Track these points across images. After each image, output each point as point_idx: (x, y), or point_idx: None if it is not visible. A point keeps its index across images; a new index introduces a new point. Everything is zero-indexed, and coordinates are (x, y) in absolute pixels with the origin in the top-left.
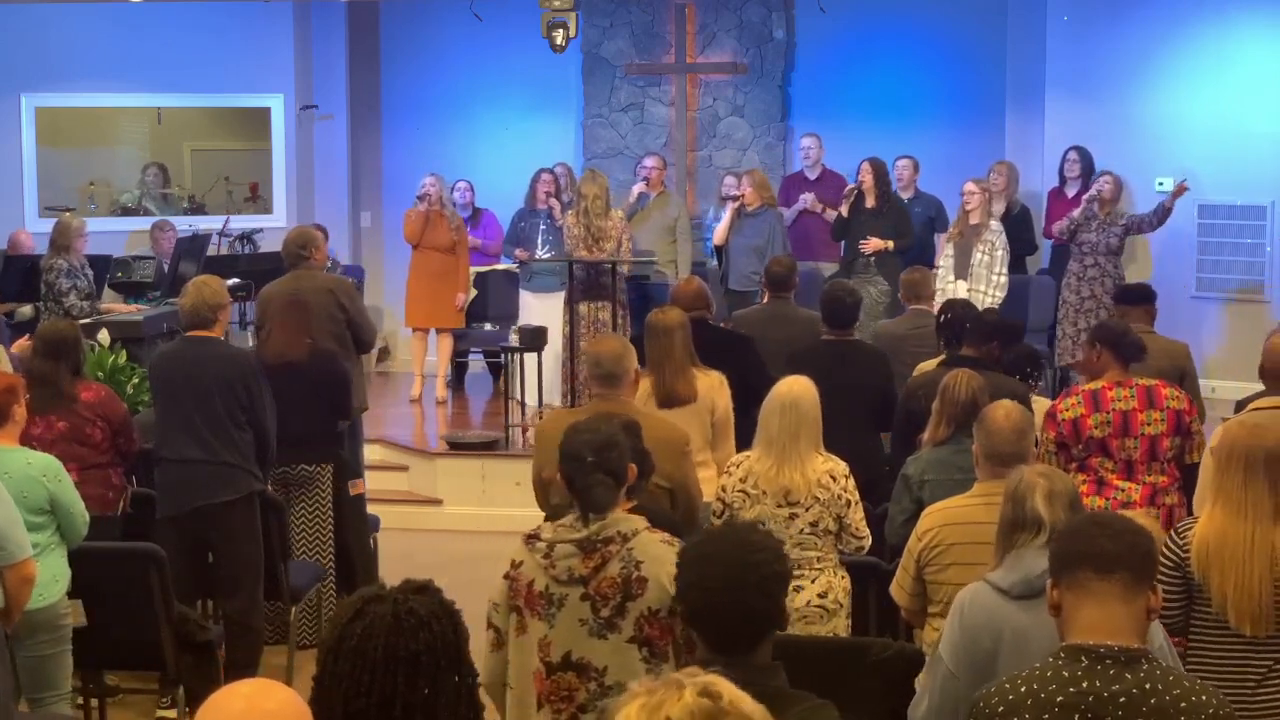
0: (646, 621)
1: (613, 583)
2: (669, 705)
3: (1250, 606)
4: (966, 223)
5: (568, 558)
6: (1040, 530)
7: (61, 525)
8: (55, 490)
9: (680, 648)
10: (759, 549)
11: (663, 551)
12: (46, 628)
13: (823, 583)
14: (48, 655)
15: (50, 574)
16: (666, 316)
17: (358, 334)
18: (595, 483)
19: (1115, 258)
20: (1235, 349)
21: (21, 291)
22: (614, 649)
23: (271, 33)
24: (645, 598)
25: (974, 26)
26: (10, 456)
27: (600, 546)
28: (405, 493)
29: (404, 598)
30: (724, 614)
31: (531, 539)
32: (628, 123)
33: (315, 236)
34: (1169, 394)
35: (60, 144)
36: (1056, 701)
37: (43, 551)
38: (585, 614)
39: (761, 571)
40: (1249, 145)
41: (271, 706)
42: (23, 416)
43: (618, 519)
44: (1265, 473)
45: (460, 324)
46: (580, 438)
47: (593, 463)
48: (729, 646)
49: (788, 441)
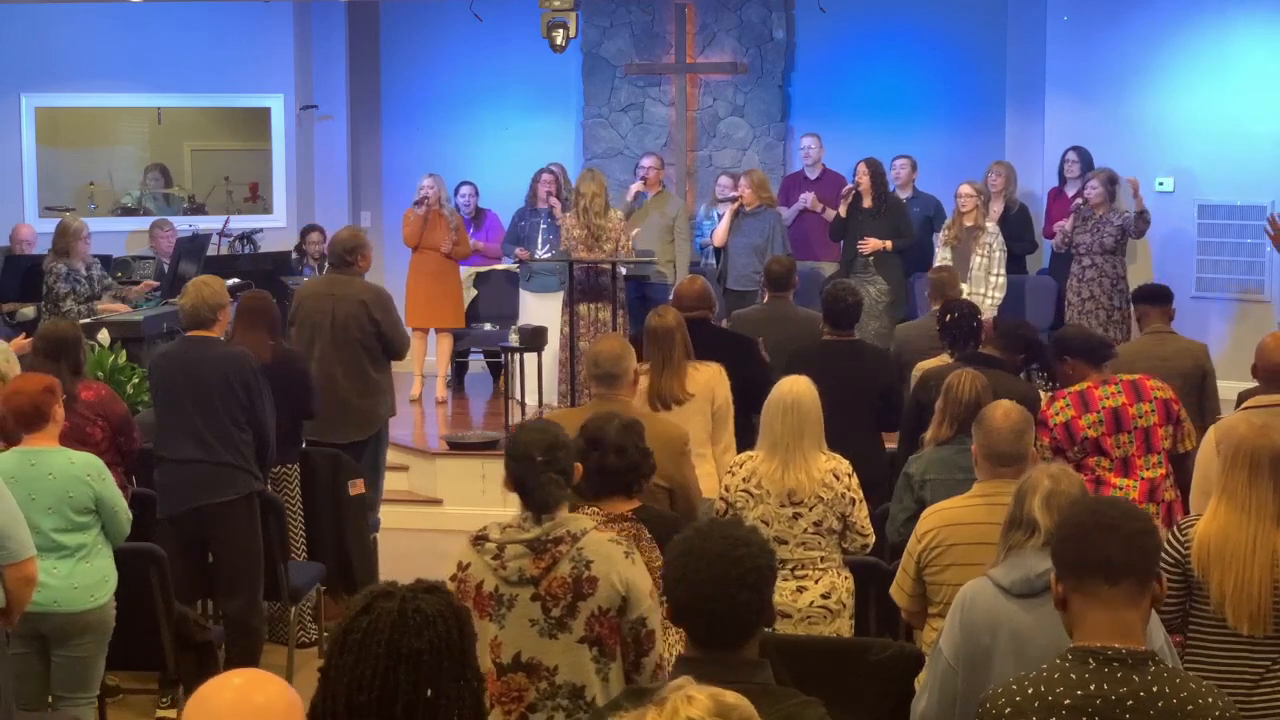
0: (597, 621)
1: (563, 583)
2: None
3: (1249, 606)
4: (962, 225)
5: (518, 558)
6: (1034, 533)
7: (106, 524)
8: (100, 489)
9: (628, 646)
10: (745, 544)
11: (612, 551)
12: (95, 629)
13: (826, 583)
14: (87, 657)
15: (100, 575)
16: (665, 319)
17: (389, 345)
18: (546, 480)
19: (1113, 257)
20: (1235, 349)
21: (23, 291)
22: (565, 648)
23: (271, 33)
24: (595, 597)
25: (974, 26)
26: (53, 457)
27: (550, 547)
28: (405, 493)
29: (412, 596)
30: (711, 609)
31: (480, 540)
32: (628, 123)
33: (366, 243)
34: (1154, 385)
35: (60, 144)
36: (1064, 704)
37: (90, 553)
38: (536, 614)
39: (747, 565)
40: (1249, 145)
41: (260, 700)
42: (61, 416)
43: (567, 519)
44: (1271, 474)
45: (460, 324)
46: (528, 437)
47: (542, 461)
48: (716, 642)
49: (792, 441)
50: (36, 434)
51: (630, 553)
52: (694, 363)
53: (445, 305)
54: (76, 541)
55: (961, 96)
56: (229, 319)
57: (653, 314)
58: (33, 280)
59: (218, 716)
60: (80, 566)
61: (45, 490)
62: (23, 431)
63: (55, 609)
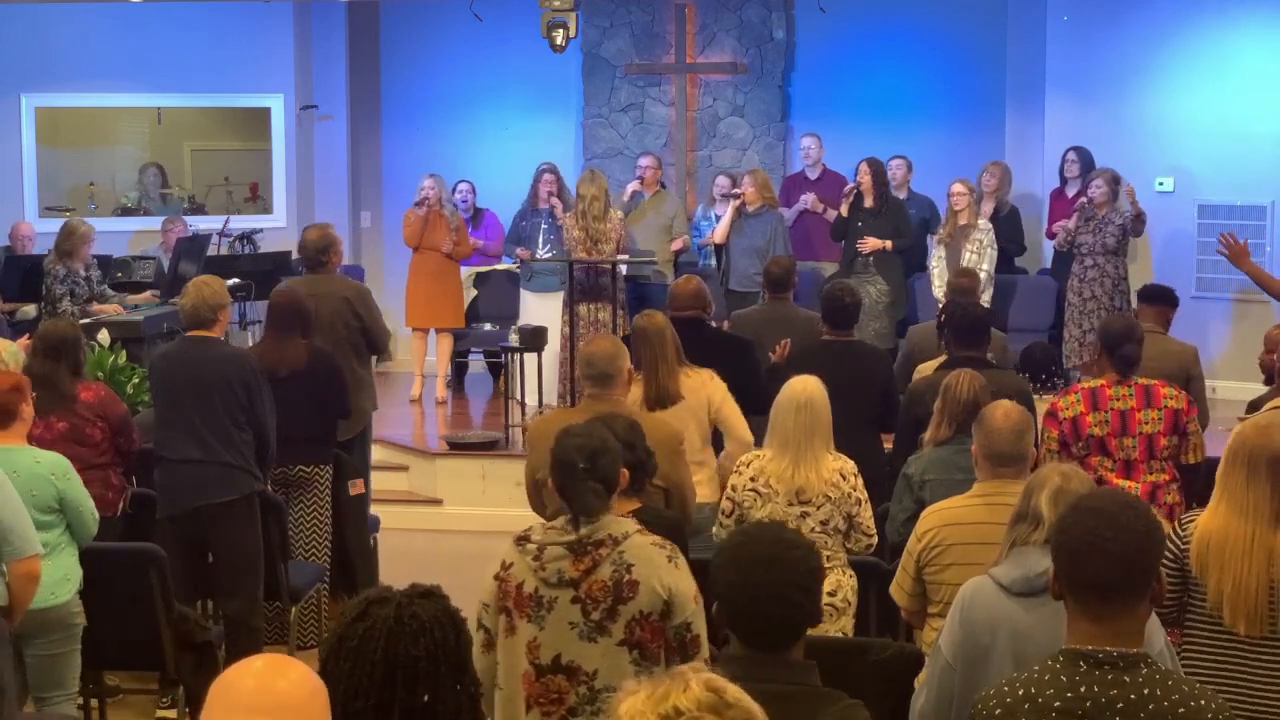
0: (638, 624)
1: (603, 586)
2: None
3: (1246, 606)
4: (956, 224)
5: (558, 560)
6: (1039, 527)
7: (71, 523)
8: (64, 488)
9: (673, 650)
10: (795, 546)
11: (655, 555)
12: (58, 627)
13: (832, 581)
14: (58, 655)
15: (61, 573)
16: (654, 320)
17: (371, 340)
18: (586, 490)
19: (1115, 257)
20: (1236, 349)
21: (23, 290)
22: (604, 652)
23: (271, 33)
24: (637, 601)
25: (974, 26)
26: (18, 455)
27: (591, 549)
28: (405, 493)
29: (408, 601)
30: (768, 612)
31: (522, 540)
32: (628, 123)
33: (336, 240)
34: (1167, 393)
35: (60, 144)
36: (1054, 706)
37: (53, 551)
38: (575, 617)
39: (801, 568)
40: (1249, 145)
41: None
42: (30, 415)
43: (609, 522)
44: (1268, 474)
45: (460, 324)
46: (573, 442)
47: (584, 469)
48: (772, 644)
49: (803, 440)
50: (3, 432)
51: (673, 557)
52: (685, 368)
53: (445, 305)
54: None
55: (961, 96)
56: (229, 319)
57: (641, 316)
58: (33, 280)
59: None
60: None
61: None
62: None
63: None
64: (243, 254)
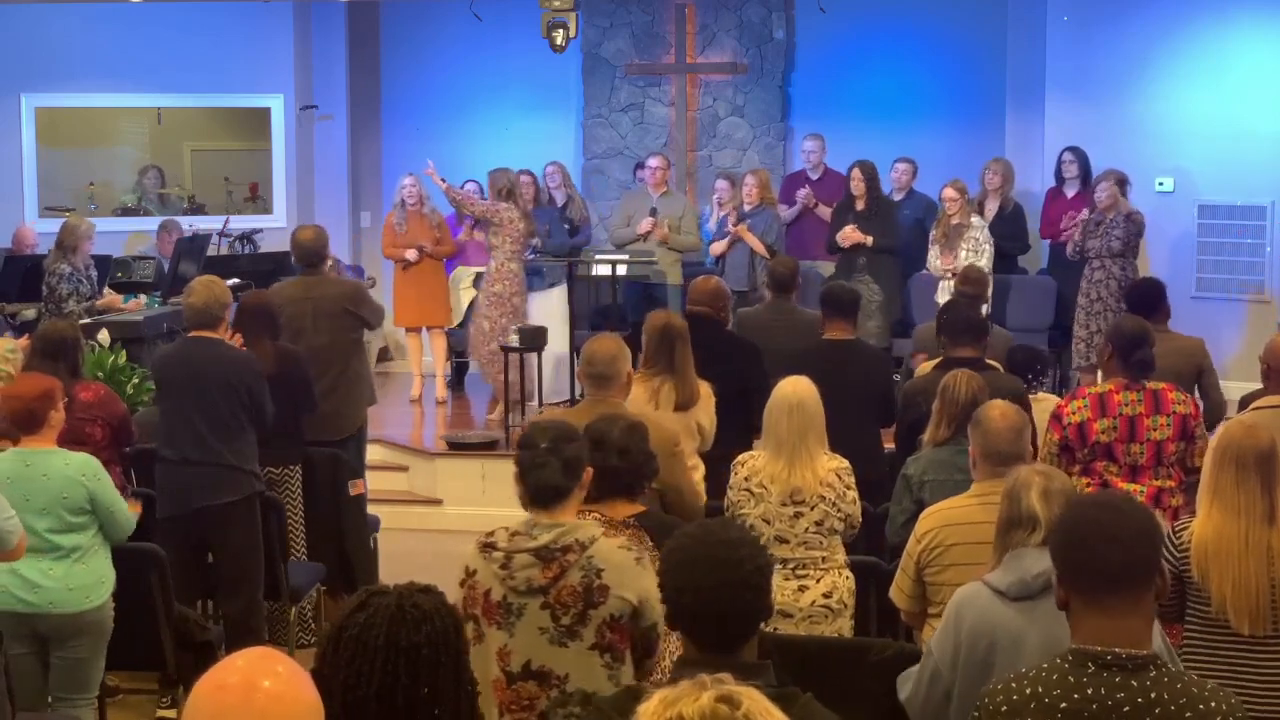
0: (608, 627)
1: (573, 591)
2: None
3: (1248, 605)
4: (949, 224)
5: (526, 568)
6: (1036, 528)
7: (103, 525)
8: (94, 489)
9: (636, 647)
10: (741, 544)
11: (623, 559)
12: (91, 631)
13: (828, 582)
14: (86, 658)
15: (95, 577)
16: (675, 320)
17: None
18: (544, 464)
19: (1121, 259)
20: (1236, 349)
21: (23, 291)
22: (575, 656)
23: (271, 33)
24: (607, 605)
25: (974, 26)
26: (48, 458)
27: (559, 555)
28: (405, 493)
29: (409, 592)
30: (719, 613)
31: (487, 548)
32: (628, 123)
33: (327, 239)
34: (1175, 398)
35: (60, 144)
36: (1060, 707)
37: (85, 554)
38: (545, 622)
39: (748, 566)
40: (1249, 145)
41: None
42: (60, 421)
43: (574, 526)
44: (1257, 472)
45: (449, 322)
46: (536, 427)
47: (545, 449)
48: (724, 646)
49: (797, 441)
50: (34, 437)
51: (640, 559)
52: None
53: (433, 305)
54: (72, 542)
55: (961, 96)
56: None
57: (660, 314)
58: (33, 281)
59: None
60: (76, 568)
61: (40, 491)
62: (19, 434)
63: (51, 610)
64: (242, 254)
